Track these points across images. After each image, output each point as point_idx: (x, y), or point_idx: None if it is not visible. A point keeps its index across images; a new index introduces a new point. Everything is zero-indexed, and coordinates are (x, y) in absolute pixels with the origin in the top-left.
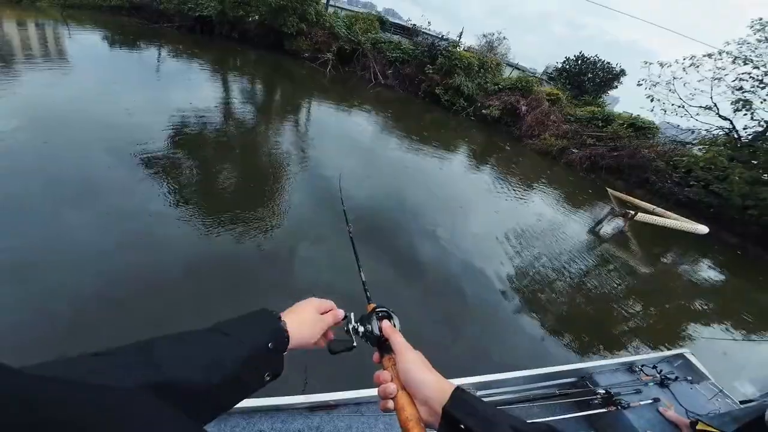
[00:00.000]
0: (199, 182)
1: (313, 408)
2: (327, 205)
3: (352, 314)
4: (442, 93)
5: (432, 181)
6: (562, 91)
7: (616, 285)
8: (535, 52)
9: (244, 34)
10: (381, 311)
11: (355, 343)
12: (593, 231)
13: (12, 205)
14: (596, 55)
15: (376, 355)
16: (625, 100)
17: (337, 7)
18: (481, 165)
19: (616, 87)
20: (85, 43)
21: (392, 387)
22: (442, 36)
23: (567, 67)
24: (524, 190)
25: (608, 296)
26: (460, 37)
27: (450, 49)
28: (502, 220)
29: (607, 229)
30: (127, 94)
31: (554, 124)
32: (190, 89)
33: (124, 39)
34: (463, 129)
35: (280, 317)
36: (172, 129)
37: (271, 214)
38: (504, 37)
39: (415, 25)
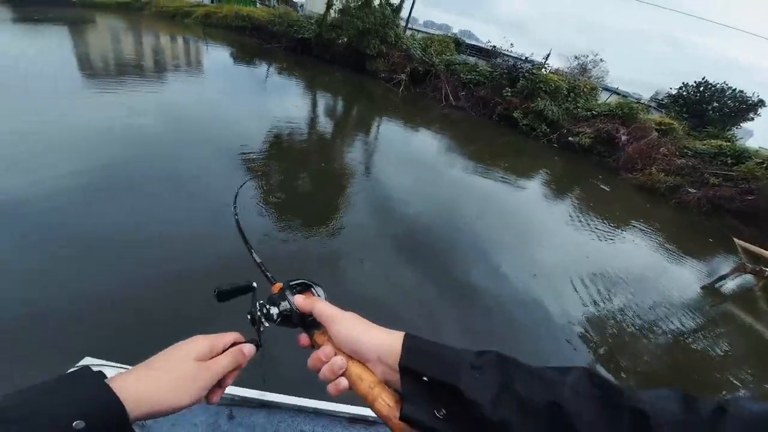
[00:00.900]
0: (280, 182)
1: (354, 420)
2: (383, 215)
3: (258, 303)
4: (521, 117)
5: (500, 207)
6: (678, 120)
7: (727, 351)
8: (638, 75)
9: (334, 56)
10: (296, 284)
11: (260, 341)
12: (710, 287)
13: (138, 185)
14: (724, 82)
15: (303, 337)
16: (763, 134)
17: (414, 29)
18: (563, 195)
19: (752, 119)
20: (216, 57)
21: (339, 360)
22: (526, 58)
23: (684, 93)
24: (617, 228)
25: (713, 364)
26: (546, 59)
27: (534, 71)
28: (585, 259)
29: (730, 285)
30: (240, 101)
31: (665, 158)
32: (286, 102)
33: (244, 56)
34: (543, 156)
35: (104, 378)
36: (268, 133)
37: (329, 217)
38: (600, 59)
39: (495, 46)
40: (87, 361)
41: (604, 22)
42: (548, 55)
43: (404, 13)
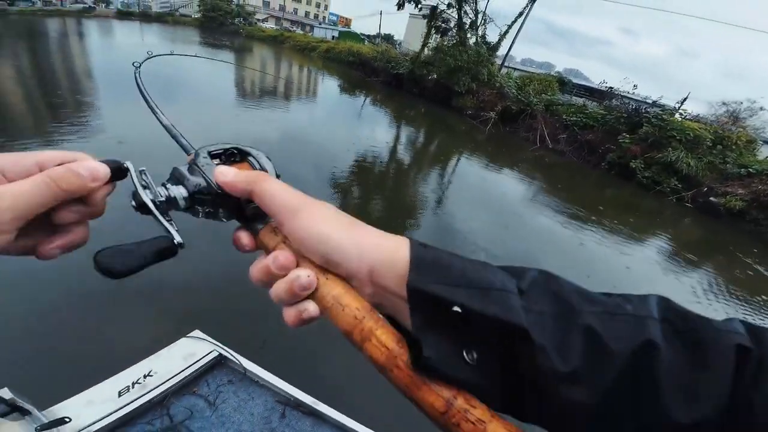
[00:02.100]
0: (358, 200)
1: None
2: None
3: (148, 175)
4: (641, 167)
5: (593, 269)
6: None
7: None
8: None
9: (423, 90)
10: (217, 151)
11: (177, 238)
12: None
13: None
14: None
15: (241, 236)
16: None
17: (511, 67)
18: (691, 268)
19: None
20: (328, 86)
21: (304, 273)
22: (654, 101)
23: None
24: None
25: None
26: (681, 104)
27: (664, 116)
28: None
29: None
30: (338, 126)
31: None
32: (374, 130)
33: (348, 87)
34: (668, 216)
35: None
36: (355, 157)
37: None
38: (760, 108)
39: (611, 88)
40: (196, 333)
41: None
42: (685, 99)
43: (502, 51)
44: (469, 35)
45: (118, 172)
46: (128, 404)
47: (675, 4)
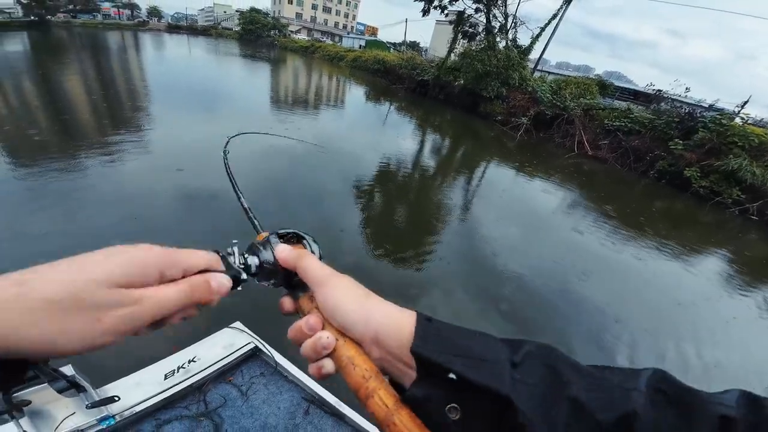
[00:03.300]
0: (379, 208)
1: None
2: (471, 266)
3: (236, 249)
4: (697, 176)
5: (639, 287)
6: None
7: None
8: None
9: (448, 96)
10: (284, 233)
11: (244, 276)
12: None
13: (287, 187)
14: None
15: (285, 302)
16: None
17: (545, 71)
18: (755, 286)
19: None
20: (354, 94)
21: (326, 336)
22: (710, 105)
23: None
24: None
25: None
26: (742, 107)
27: (722, 120)
28: None
29: None
30: (363, 133)
31: None
32: (398, 137)
33: (374, 95)
34: (729, 230)
35: None
36: (379, 164)
37: (416, 255)
38: None
39: (659, 90)
40: (237, 325)
41: None
42: (745, 103)
43: (535, 55)
44: (498, 39)
45: (236, 282)
46: (171, 387)
47: (727, 3)
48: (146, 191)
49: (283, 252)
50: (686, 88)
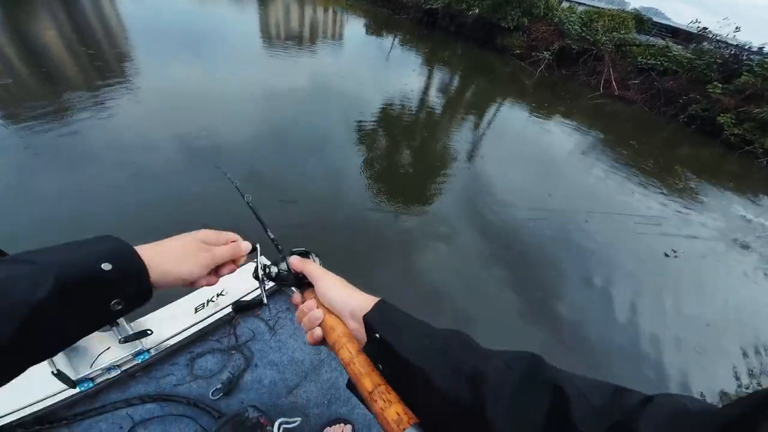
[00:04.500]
0: (383, 152)
1: None
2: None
3: (263, 258)
4: (730, 123)
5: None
6: None
7: None
8: None
9: (460, 27)
10: (297, 251)
11: (265, 300)
12: None
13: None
14: None
15: (295, 296)
16: None
17: (574, 2)
18: None
19: None
20: (353, 28)
21: (318, 312)
22: (760, 48)
23: None
24: None
25: None
26: None
27: None
28: None
29: None
30: (365, 72)
31: None
32: (404, 75)
33: (375, 27)
34: (755, 181)
35: (125, 243)
36: (382, 105)
37: (415, 199)
38: None
39: (705, 28)
40: (263, 258)
41: None
42: None
43: None
44: None
45: (253, 250)
46: (202, 321)
47: None
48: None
49: (295, 260)
50: (736, 27)
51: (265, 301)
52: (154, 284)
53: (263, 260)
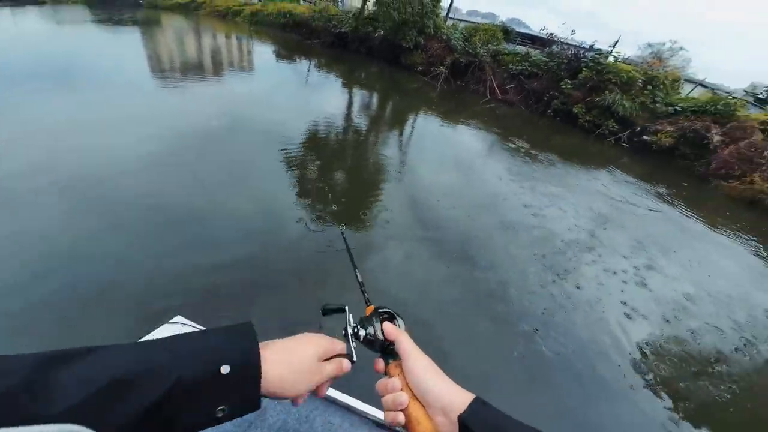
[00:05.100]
0: (315, 175)
1: (380, 425)
2: (409, 214)
3: (351, 316)
4: (582, 112)
5: (545, 221)
6: None
7: None
8: (726, 66)
9: (370, 49)
10: (383, 312)
11: (355, 357)
12: None
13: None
14: None
15: (378, 362)
16: None
17: (457, 19)
18: (627, 203)
19: None
20: (263, 55)
21: (404, 396)
22: (591, 46)
23: None
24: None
25: None
26: (613, 47)
27: (600, 60)
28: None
29: None
30: (284, 98)
31: None
32: (324, 98)
33: (286, 53)
34: (609, 157)
35: (255, 342)
36: (308, 130)
37: (356, 211)
38: (680, 48)
39: (552, 34)
40: (178, 319)
41: (693, 10)
42: (616, 42)
43: (445, 3)
44: None
45: (341, 311)
46: None
47: None
48: None
49: (389, 328)
50: (572, 31)
51: (354, 357)
52: (262, 394)
53: (351, 321)
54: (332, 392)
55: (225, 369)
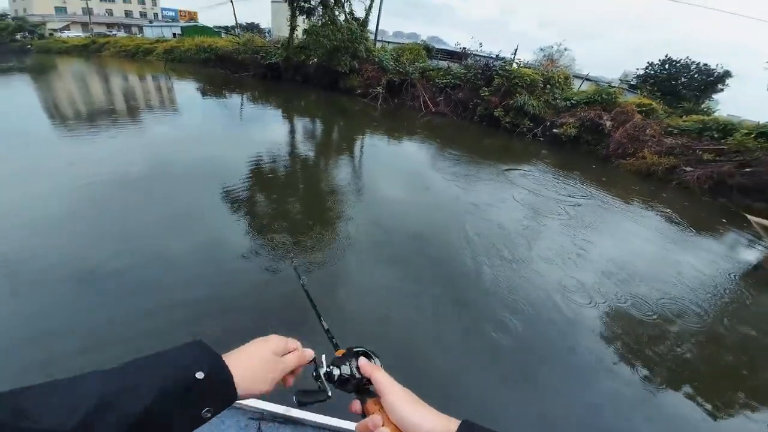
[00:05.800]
0: (266, 213)
1: None
2: (369, 235)
3: (324, 356)
4: (503, 115)
5: (499, 214)
6: (654, 100)
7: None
8: (602, 59)
9: (306, 76)
10: (358, 350)
11: (329, 393)
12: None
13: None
14: (687, 57)
15: (355, 404)
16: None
17: (385, 41)
18: (554, 186)
19: (721, 90)
20: (186, 93)
21: (386, 430)
22: (497, 55)
23: (652, 72)
24: (623, 212)
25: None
26: (515, 54)
27: (506, 67)
28: (589, 252)
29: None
30: (219, 136)
31: (653, 139)
32: (264, 130)
33: (213, 89)
34: (531, 152)
35: (213, 351)
36: (250, 165)
37: (317, 243)
38: (565, 49)
39: (464, 48)
40: None
41: (566, 14)
42: (516, 50)
43: (372, 27)
44: (337, 13)
45: (312, 360)
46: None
47: None
48: None
49: (364, 364)
50: (480, 44)
51: (329, 393)
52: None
53: (323, 362)
54: (322, 418)
55: (200, 374)
